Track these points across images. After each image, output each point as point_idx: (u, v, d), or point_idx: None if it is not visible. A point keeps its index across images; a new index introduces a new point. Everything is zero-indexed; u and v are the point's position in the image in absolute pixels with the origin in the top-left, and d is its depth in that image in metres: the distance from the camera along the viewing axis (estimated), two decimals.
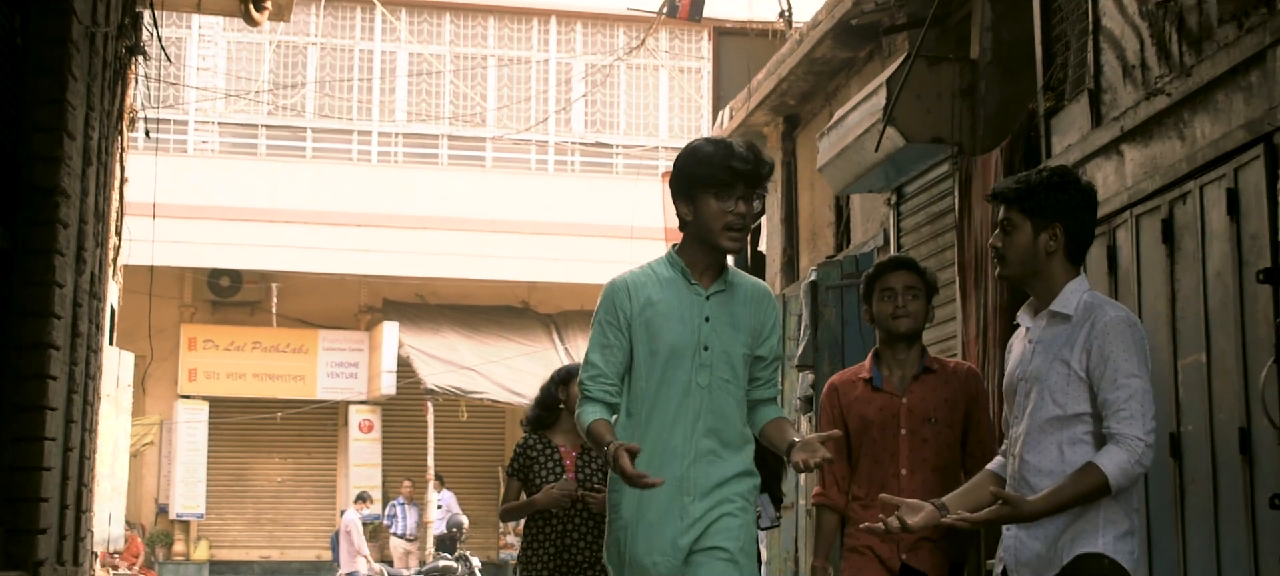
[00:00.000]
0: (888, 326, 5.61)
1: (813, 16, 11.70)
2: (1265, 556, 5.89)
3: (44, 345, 5.56)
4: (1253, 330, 6.02)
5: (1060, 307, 4.36)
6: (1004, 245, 4.42)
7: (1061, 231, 4.36)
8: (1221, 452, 6.24)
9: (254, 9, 12.91)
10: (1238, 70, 6.17)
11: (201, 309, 27.58)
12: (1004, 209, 4.44)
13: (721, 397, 4.62)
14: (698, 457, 4.58)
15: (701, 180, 4.51)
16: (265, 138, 27.04)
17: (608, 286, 4.70)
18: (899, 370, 5.62)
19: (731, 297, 4.67)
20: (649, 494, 4.51)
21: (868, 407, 5.60)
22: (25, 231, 5.52)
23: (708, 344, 4.61)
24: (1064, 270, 4.39)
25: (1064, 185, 4.40)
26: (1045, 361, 4.33)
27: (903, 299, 5.58)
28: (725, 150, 4.53)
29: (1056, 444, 4.28)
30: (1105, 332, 4.26)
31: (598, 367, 4.65)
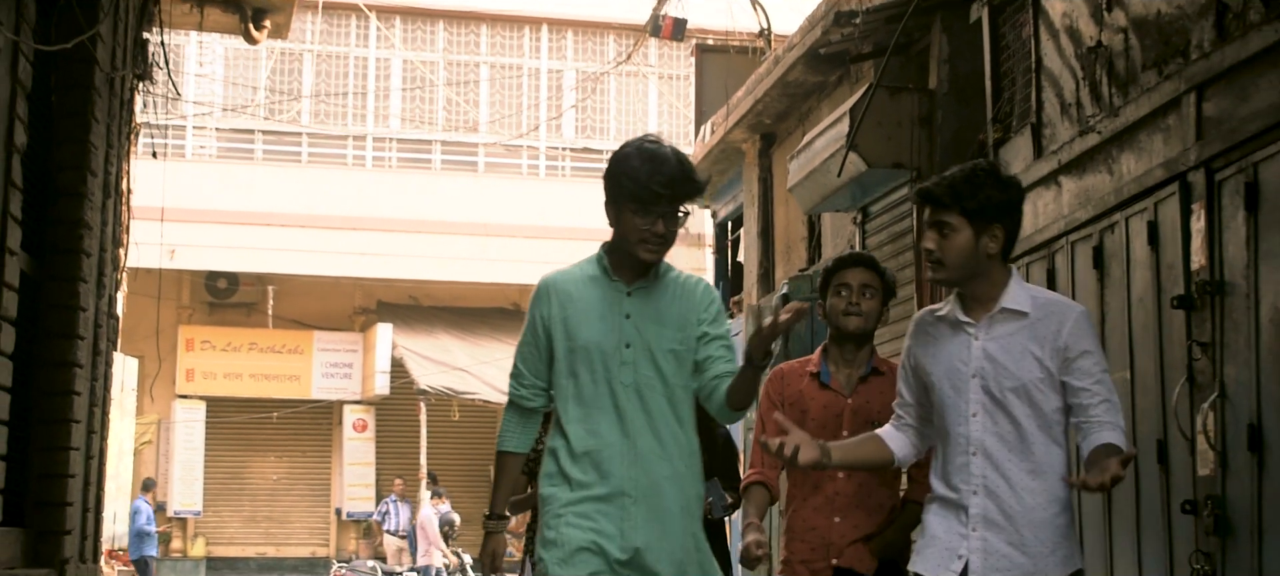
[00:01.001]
0: (837, 323, 5.46)
1: (787, 41, 12.26)
2: (1178, 556, 6.46)
3: (69, 364, 6.13)
4: (1169, 351, 6.60)
5: (1014, 304, 4.34)
6: (940, 248, 4.35)
7: (1001, 232, 4.33)
8: (1143, 462, 6.82)
9: (253, 28, 13.43)
10: (1157, 113, 6.75)
11: (199, 310, 28.00)
12: (936, 210, 4.36)
13: (650, 397, 4.52)
14: (625, 457, 4.48)
15: (625, 193, 4.45)
16: (262, 143, 27.50)
17: (539, 282, 4.64)
18: (847, 369, 5.49)
19: (656, 293, 4.58)
20: (582, 493, 4.47)
21: (811, 403, 5.45)
22: (52, 260, 6.09)
23: (629, 341, 4.50)
24: (1001, 268, 4.38)
25: (1002, 184, 4.37)
26: (1011, 360, 4.29)
27: (856, 296, 5.42)
28: (651, 169, 4.45)
29: (1037, 443, 4.27)
30: (1076, 331, 4.28)
31: (516, 367, 4.64)
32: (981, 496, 4.30)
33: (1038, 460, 4.28)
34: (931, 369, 4.44)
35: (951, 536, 4.35)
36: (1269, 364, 5.87)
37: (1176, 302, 6.46)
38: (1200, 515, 6.26)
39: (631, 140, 4.60)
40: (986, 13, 8.65)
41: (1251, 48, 6.02)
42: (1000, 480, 4.28)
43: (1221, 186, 6.25)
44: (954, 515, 4.36)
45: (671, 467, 4.52)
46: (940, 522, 4.39)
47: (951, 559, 4.33)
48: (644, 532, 4.45)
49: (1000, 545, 4.27)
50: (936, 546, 4.38)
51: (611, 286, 4.54)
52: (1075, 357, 4.27)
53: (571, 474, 4.50)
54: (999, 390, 4.30)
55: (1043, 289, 4.51)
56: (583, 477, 4.48)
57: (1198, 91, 6.42)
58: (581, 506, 4.47)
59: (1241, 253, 6.08)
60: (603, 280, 4.55)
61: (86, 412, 6.56)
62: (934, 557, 4.37)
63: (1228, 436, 6.12)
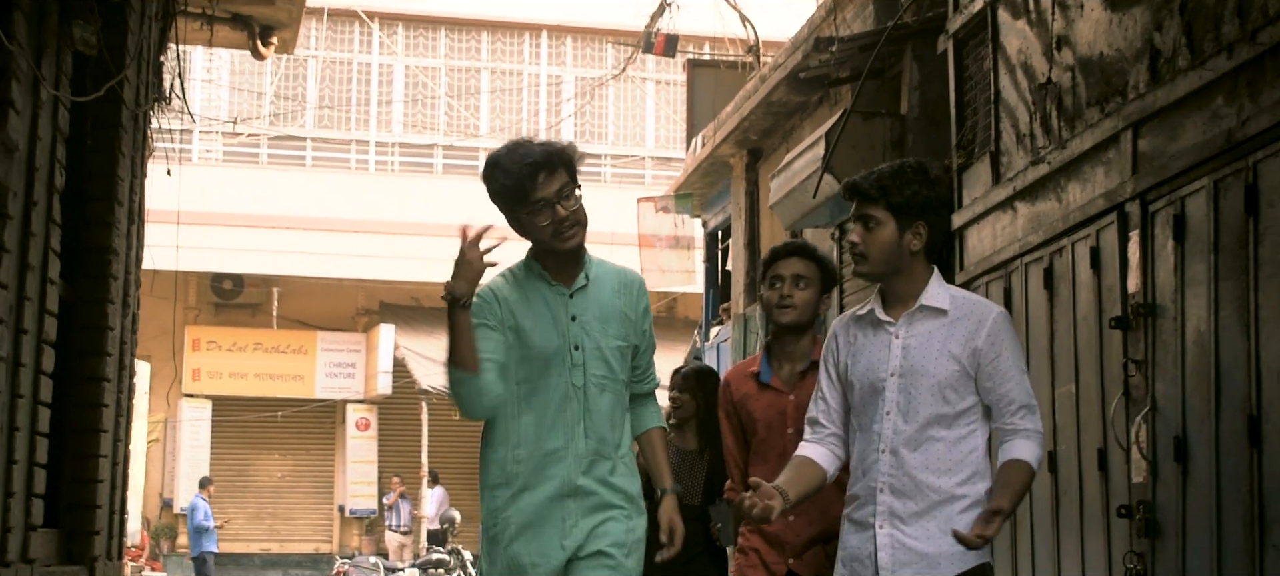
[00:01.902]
0: (772, 316, 5.38)
1: (772, 62, 12.83)
2: (1115, 556, 7.03)
3: (98, 379, 6.72)
4: (1109, 368, 7.18)
5: (933, 302, 4.39)
6: (864, 242, 4.39)
7: (925, 228, 4.38)
8: (1085, 470, 7.40)
9: (261, 44, 14.00)
10: (1099, 147, 7.32)
11: (205, 311, 28.47)
12: (862, 204, 4.41)
13: (599, 397, 4.53)
14: (578, 460, 4.49)
15: (512, 197, 4.41)
16: (267, 147, 28.05)
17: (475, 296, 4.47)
18: (788, 364, 5.39)
19: (597, 291, 4.57)
20: (531, 498, 4.47)
21: (755, 404, 5.39)
22: (83, 284, 6.67)
23: (578, 343, 4.51)
24: (925, 266, 4.43)
25: (929, 182, 4.41)
26: (927, 358, 4.34)
27: (789, 287, 5.30)
28: (517, 158, 4.41)
29: (946, 442, 4.32)
30: (996, 331, 4.34)
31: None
32: (888, 493, 4.33)
33: (947, 458, 4.32)
34: (852, 368, 4.46)
35: (860, 542, 4.38)
36: (1193, 381, 6.44)
37: (1114, 323, 7.04)
38: (1133, 518, 6.83)
39: (486, 162, 4.52)
40: (951, 45, 9.22)
41: (1179, 91, 6.59)
42: (907, 478, 4.32)
43: (1154, 217, 6.82)
44: (863, 514, 4.39)
45: (612, 464, 4.54)
46: (849, 533, 4.43)
47: (866, 564, 4.35)
48: (587, 529, 4.45)
49: (907, 540, 4.30)
50: (851, 559, 4.41)
51: (552, 291, 4.52)
52: (993, 359, 4.33)
53: (518, 475, 4.47)
54: (914, 387, 4.34)
55: (963, 290, 4.56)
56: (528, 480, 4.47)
57: (1134, 129, 6.99)
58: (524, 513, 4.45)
59: (1170, 279, 6.65)
60: (543, 286, 4.52)
61: (113, 422, 7.14)
62: (853, 567, 4.40)
63: (1157, 447, 6.70)
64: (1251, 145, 6.05)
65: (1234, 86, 6.22)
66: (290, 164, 27.94)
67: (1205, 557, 6.29)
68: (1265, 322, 5.90)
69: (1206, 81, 6.37)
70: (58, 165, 5.71)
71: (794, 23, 17.80)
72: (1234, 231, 6.15)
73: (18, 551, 5.40)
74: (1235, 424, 6.08)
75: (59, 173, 5.75)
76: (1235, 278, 6.12)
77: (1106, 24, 7.33)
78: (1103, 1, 7.37)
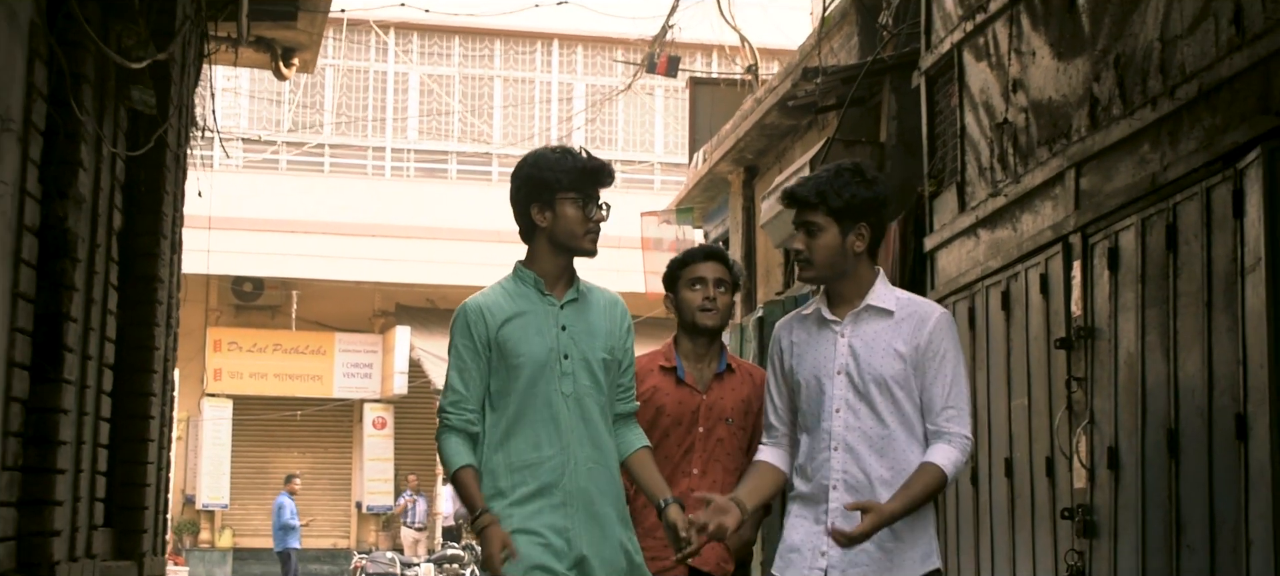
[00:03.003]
0: (694, 317, 5.39)
1: (767, 85, 13.60)
2: (1060, 553, 7.80)
3: (146, 393, 7.51)
4: (1055, 383, 7.94)
5: (879, 303, 4.41)
6: (809, 248, 4.40)
7: (867, 230, 4.40)
8: (1036, 475, 8.16)
9: (283, 65, 14.80)
10: (1048, 183, 8.10)
11: (226, 313, 29.10)
12: (803, 210, 4.43)
13: (588, 405, 4.59)
14: (576, 468, 4.56)
15: (559, 186, 4.52)
16: (286, 153, 28.79)
17: (459, 310, 4.63)
18: (700, 365, 5.45)
19: (586, 305, 4.64)
20: (531, 510, 4.51)
21: (666, 398, 5.39)
22: (132, 309, 7.46)
23: (567, 353, 4.57)
24: (869, 267, 4.45)
25: (866, 182, 4.42)
26: (873, 356, 4.37)
27: (712, 290, 5.39)
28: (571, 157, 4.58)
29: (898, 440, 4.36)
30: (938, 331, 4.39)
31: (458, 392, 4.59)
32: (841, 491, 4.36)
33: (898, 457, 4.36)
34: (798, 368, 4.49)
35: (812, 537, 4.40)
36: (1123, 398, 7.21)
37: (1059, 343, 7.81)
38: (1074, 520, 7.60)
39: (527, 154, 4.69)
40: (924, 81, 9.99)
41: (1113, 136, 7.36)
42: (860, 474, 4.35)
43: (1093, 249, 7.59)
44: (812, 512, 4.42)
45: (607, 474, 4.63)
46: (800, 526, 4.45)
47: (816, 558, 4.38)
48: (586, 540, 4.53)
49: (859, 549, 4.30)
50: (799, 552, 4.43)
51: (543, 301, 4.58)
52: (931, 358, 4.36)
53: (510, 486, 4.54)
54: (862, 385, 4.36)
55: (908, 292, 4.62)
56: (525, 490, 4.53)
57: (1077, 168, 7.76)
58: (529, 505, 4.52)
59: (1106, 305, 7.42)
60: (534, 296, 4.58)
61: (158, 432, 7.93)
62: (797, 560, 4.42)
63: (1094, 456, 7.47)
64: (1172, 188, 6.82)
65: (1158, 135, 6.99)
66: (309, 170, 28.56)
67: (1133, 556, 7.06)
68: (1183, 347, 6.66)
69: (1135, 129, 7.15)
70: (115, 210, 6.51)
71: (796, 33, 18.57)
72: (1158, 264, 6.93)
73: (83, 548, 6.20)
74: (1157, 437, 6.86)
75: (116, 216, 6.55)
76: (1158, 306, 6.89)
77: (1054, 71, 8.10)
78: (1051, 50, 8.14)
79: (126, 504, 7.42)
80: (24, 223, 5.05)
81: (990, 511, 8.70)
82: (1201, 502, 6.46)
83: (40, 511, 5.48)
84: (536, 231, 4.60)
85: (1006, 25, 8.70)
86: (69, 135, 5.57)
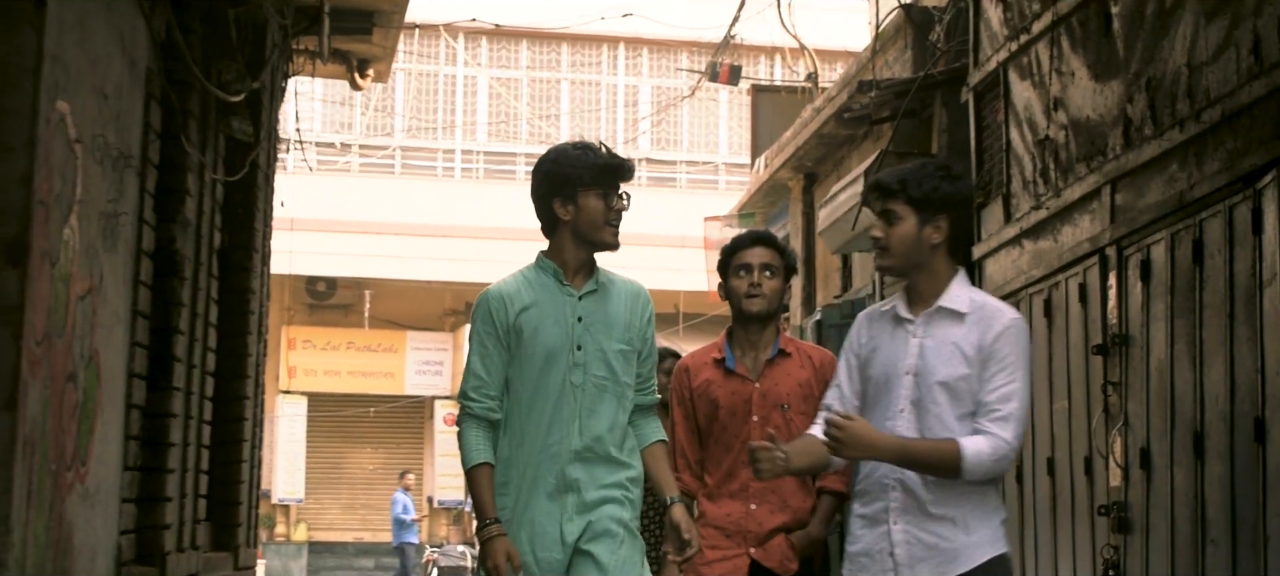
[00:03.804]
0: (739, 305, 5.36)
1: (824, 95, 14.07)
2: (1097, 548, 8.25)
3: (241, 397, 8.10)
4: (1092, 388, 8.40)
5: (951, 304, 4.37)
6: (886, 236, 4.39)
7: (946, 224, 4.38)
8: (1075, 475, 8.62)
9: (358, 76, 15.40)
10: (1085, 198, 8.54)
11: (300, 311, 29.71)
12: (884, 198, 4.42)
13: (598, 396, 4.63)
14: (577, 457, 4.60)
15: (582, 181, 4.60)
16: (359, 155, 29.43)
17: (481, 297, 4.68)
18: (753, 352, 5.38)
19: (605, 297, 4.69)
20: (531, 496, 4.59)
21: (719, 391, 5.34)
22: (228, 320, 8.04)
23: (581, 343, 4.62)
24: (947, 265, 4.42)
25: (950, 178, 4.42)
26: (942, 360, 4.33)
27: (758, 276, 5.32)
28: (592, 152, 4.68)
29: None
30: (1003, 334, 4.32)
31: (480, 377, 4.65)
32: (900, 491, 4.34)
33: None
34: (871, 361, 4.48)
35: (874, 538, 4.39)
36: (1154, 402, 7.66)
37: (1095, 350, 8.26)
38: (1109, 517, 8.06)
39: (548, 151, 4.79)
40: (972, 97, 10.44)
41: (1145, 155, 7.80)
42: (918, 476, 4.31)
43: (1127, 261, 8.04)
44: (875, 509, 4.41)
45: (612, 464, 4.67)
46: (864, 532, 4.43)
47: (884, 559, 4.35)
48: (584, 523, 4.59)
49: (922, 535, 4.31)
50: (868, 557, 4.41)
51: (562, 291, 4.64)
52: (991, 360, 4.29)
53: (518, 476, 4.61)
54: (927, 386, 4.33)
55: (987, 294, 4.59)
56: (528, 478, 4.60)
57: (1112, 184, 8.21)
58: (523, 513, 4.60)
59: (1139, 314, 7.87)
60: (553, 286, 4.65)
61: (251, 432, 8.53)
62: (868, 565, 4.40)
63: (1129, 456, 7.92)
64: (1198, 206, 7.27)
65: (1185, 156, 7.44)
66: (381, 172, 29.19)
67: (1163, 551, 7.51)
68: (1208, 355, 7.11)
69: (1165, 149, 7.59)
70: (215, 230, 7.10)
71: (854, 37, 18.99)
72: (1185, 277, 7.37)
73: (189, 540, 6.79)
74: (1185, 439, 7.31)
75: (216, 236, 7.14)
76: (1186, 316, 7.34)
77: (1092, 92, 8.54)
78: (1089, 72, 8.59)
79: (223, 500, 8.02)
80: (141, 248, 5.62)
81: (1033, 508, 9.16)
82: (1224, 502, 6.90)
83: (154, 507, 6.06)
84: (559, 224, 4.68)
85: (1048, 46, 9.14)
86: (176, 166, 6.15)
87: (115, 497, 5.53)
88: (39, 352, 4.42)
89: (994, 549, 4.36)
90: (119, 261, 5.31)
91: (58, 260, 4.56)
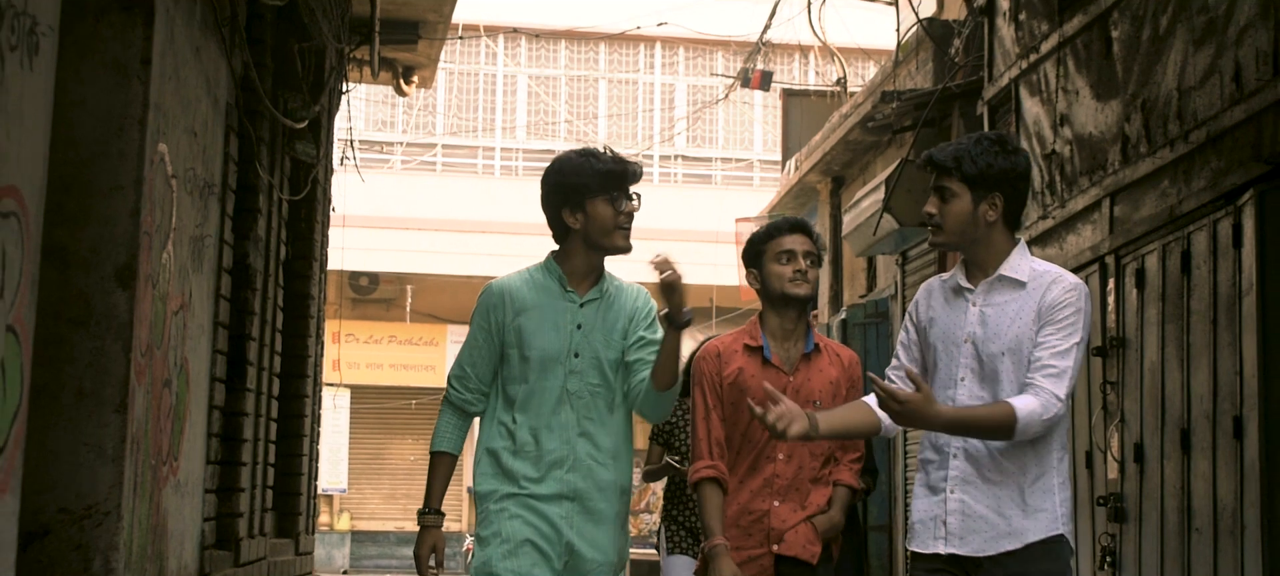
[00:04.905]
0: (784, 289, 5.14)
1: (851, 101, 14.68)
2: (1096, 535, 8.85)
3: (302, 396, 8.78)
4: (1093, 387, 9.00)
5: (1012, 273, 4.32)
6: (940, 213, 4.33)
7: (1001, 200, 4.31)
8: (1077, 467, 9.21)
9: (404, 83, 16.10)
10: (1087, 210, 9.14)
11: (344, 306, 30.17)
12: (939, 175, 4.36)
13: (592, 403, 4.62)
14: (575, 464, 4.59)
15: (588, 189, 4.59)
16: (401, 154, 30.10)
17: (484, 291, 4.68)
18: (787, 343, 5.20)
19: (607, 305, 4.68)
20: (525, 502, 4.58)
21: (752, 381, 5.10)
22: (291, 323, 8.72)
23: (578, 350, 4.59)
24: (1005, 237, 4.36)
25: (1006, 152, 4.33)
26: (1002, 325, 4.27)
27: (802, 262, 5.16)
28: (597, 157, 4.66)
29: None
30: (1065, 293, 4.27)
31: (463, 370, 4.68)
32: (961, 459, 4.29)
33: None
34: (930, 331, 4.44)
35: (932, 505, 4.35)
36: (1147, 401, 8.26)
37: (1095, 352, 8.86)
38: (1107, 507, 8.66)
39: (552, 162, 4.78)
40: (986, 110, 11.04)
41: (1140, 171, 8.40)
42: (980, 443, 4.25)
43: (1124, 270, 8.64)
44: (935, 477, 4.37)
45: (609, 473, 4.67)
46: (921, 495, 4.41)
47: (938, 526, 4.31)
48: (579, 535, 4.60)
49: (977, 507, 4.25)
50: (923, 524, 4.37)
51: (565, 297, 4.64)
52: (1049, 318, 4.24)
53: (513, 470, 4.62)
54: (988, 354, 4.28)
55: (1048, 263, 4.51)
56: (524, 476, 4.60)
57: (1111, 198, 8.80)
58: (522, 499, 4.59)
59: (1134, 319, 8.47)
60: (557, 290, 4.65)
61: (310, 428, 9.21)
62: (923, 532, 4.37)
63: (1125, 451, 8.52)
64: (1186, 220, 7.86)
65: (1175, 173, 8.03)
66: (422, 169, 29.79)
67: (1154, 538, 8.11)
68: (1194, 359, 7.71)
69: (1157, 167, 8.19)
70: (282, 243, 7.78)
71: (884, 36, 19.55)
72: (1175, 285, 7.97)
73: (258, 528, 7.47)
74: (1174, 436, 7.90)
75: (282, 249, 7.82)
76: (1175, 322, 7.94)
77: (1094, 110, 9.14)
78: (1092, 91, 9.18)
79: (285, 490, 8.69)
80: (222, 265, 6.30)
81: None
82: (1207, 493, 7.50)
83: (230, 496, 6.74)
84: (570, 232, 4.69)
85: (1055, 65, 9.74)
86: (250, 188, 6.82)
87: (200, 489, 6.21)
88: (143, 363, 5.09)
89: (1051, 528, 4.26)
90: (204, 279, 5.99)
91: (158, 282, 5.24)
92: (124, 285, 4.87)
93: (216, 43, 5.98)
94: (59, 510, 4.83)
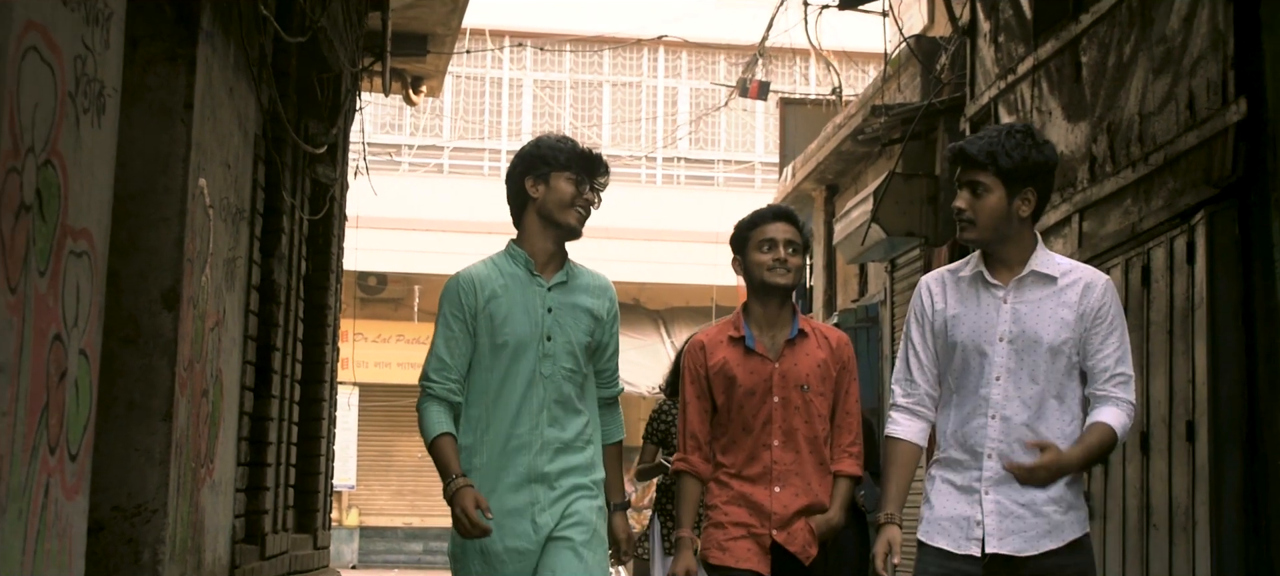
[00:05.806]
0: (765, 278, 5.15)
1: (844, 112, 15.24)
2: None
3: (320, 399, 9.36)
4: None
5: (1043, 268, 4.26)
6: (972, 209, 4.24)
7: (1034, 195, 4.26)
8: None
9: (413, 93, 16.67)
10: (1059, 224, 9.70)
11: (352, 305, 30.83)
12: (969, 169, 4.26)
13: (565, 387, 4.62)
14: (545, 447, 4.57)
15: (556, 162, 4.65)
16: (408, 156, 30.59)
17: (451, 281, 4.66)
18: (771, 331, 5.19)
19: (573, 288, 4.69)
20: (502, 488, 4.54)
21: (737, 370, 5.14)
22: (310, 332, 9.29)
23: (551, 334, 4.59)
24: (1031, 233, 4.32)
25: (1038, 145, 4.27)
26: (1040, 323, 4.21)
27: (783, 250, 5.15)
28: (567, 142, 4.73)
29: (1059, 410, 4.22)
30: (1107, 296, 4.26)
31: (443, 360, 4.59)
32: (995, 460, 4.23)
33: (1051, 425, 4.24)
34: (953, 329, 4.32)
35: (963, 505, 4.27)
36: None
37: None
38: None
39: (529, 140, 4.86)
40: (968, 126, 11.59)
41: (1106, 189, 8.96)
42: (1017, 444, 4.21)
43: None
44: (966, 478, 4.29)
45: (581, 455, 4.67)
46: (950, 496, 4.32)
47: (971, 527, 4.25)
48: (558, 513, 4.59)
49: (1014, 507, 4.20)
50: (953, 522, 4.29)
51: (533, 281, 4.64)
52: (1099, 323, 4.22)
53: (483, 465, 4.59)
54: (1025, 353, 4.21)
55: (1070, 259, 4.54)
56: (496, 468, 4.58)
57: (1080, 214, 9.36)
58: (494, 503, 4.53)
59: None
60: (524, 276, 4.65)
61: (326, 429, 9.78)
62: (952, 530, 4.29)
63: None
64: (1146, 237, 8.43)
65: (1137, 192, 8.59)
66: (429, 171, 30.30)
67: (1117, 534, 8.67)
68: (1153, 367, 8.27)
69: (1121, 186, 8.75)
70: (302, 259, 8.35)
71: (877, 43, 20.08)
72: (1136, 298, 8.53)
73: (281, 524, 8.05)
74: (1134, 439, 8.45)
75: (302, 264, 8.39)
76: (1136, 332, 8.47)
77: (1065, 130, 9.70)
78: (1063, 112, 9.74)
79: (305, 488, 9.27)
80: (251, 283, 6.88)
81: None
82: (1164, 492, 8.06)
83: (256, 495, 7.32)
84: (527, 204, 4.71)
85: (1031, 86, 10.30)
86: (275, 210, 7.39)
87: (231, 488, 6.80)
88: (186, 376, 5.68)
89: (1081, 528, 4.33)
90: (236, 297, 6.58)
91: (198, 302, 5.82)
92: (169, 307, 5.45)
93: (247, 80, 6.56)
94: (113, 508, 5.44)
